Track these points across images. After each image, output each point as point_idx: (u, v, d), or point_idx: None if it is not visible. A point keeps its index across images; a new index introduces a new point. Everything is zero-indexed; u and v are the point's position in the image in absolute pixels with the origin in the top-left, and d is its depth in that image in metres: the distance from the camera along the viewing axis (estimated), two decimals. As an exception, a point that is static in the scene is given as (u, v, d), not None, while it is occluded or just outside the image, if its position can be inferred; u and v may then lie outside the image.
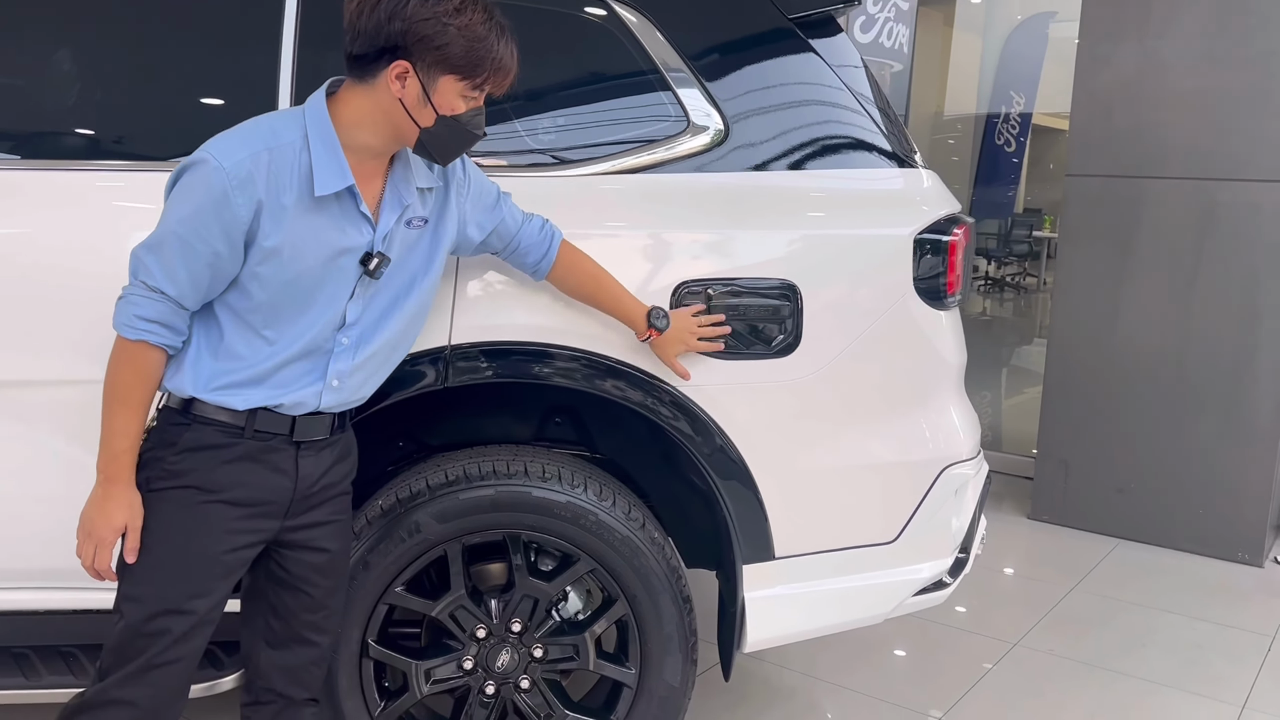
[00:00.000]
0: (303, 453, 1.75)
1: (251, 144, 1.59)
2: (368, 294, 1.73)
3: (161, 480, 1.68)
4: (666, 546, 2.23)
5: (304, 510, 1.78)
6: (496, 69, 1.63)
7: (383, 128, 1.66)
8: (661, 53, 2.22)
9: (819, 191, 2.24)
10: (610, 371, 2.11)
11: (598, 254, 2.10)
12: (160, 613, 1.67)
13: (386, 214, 1.72)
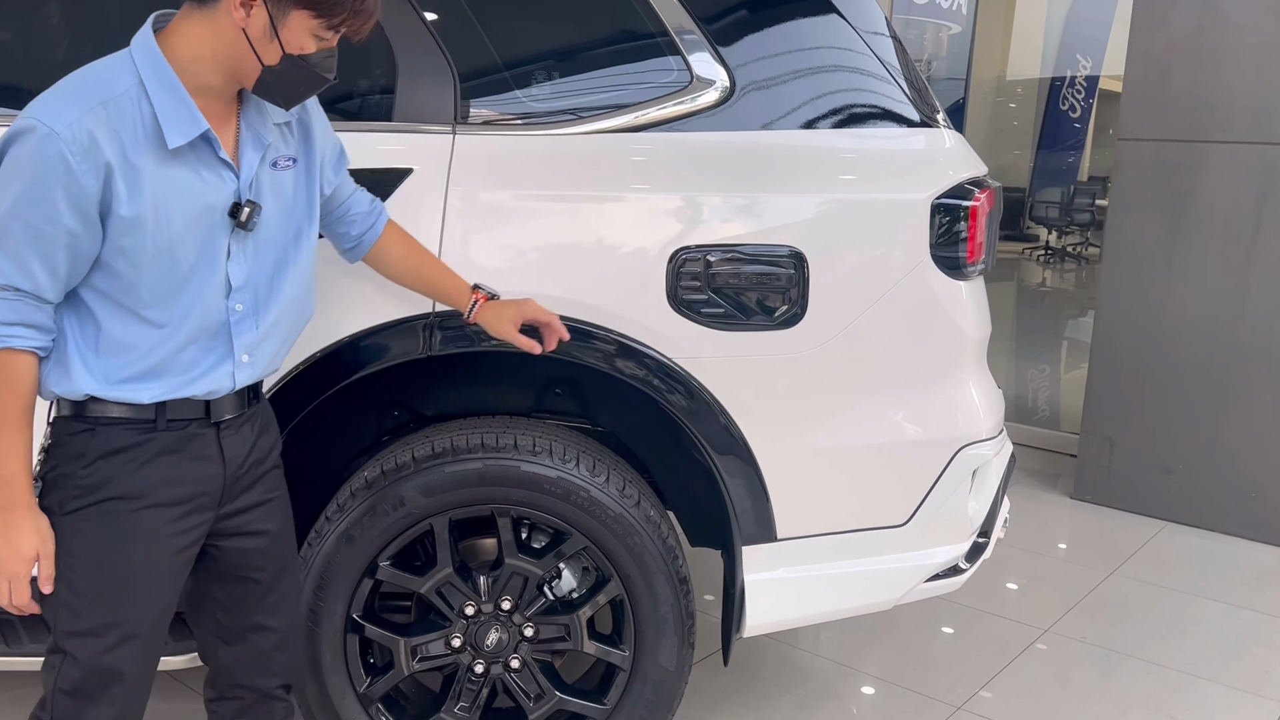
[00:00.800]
0: (224, 433, 1.58)
1: (83, 100, 1.36)
2: (247, 251, 1.52)
3: (77, 499, 1.49)
4: (663, 525, 2.13)
5: (237, 494, 1.62)
6: (356, 10, 1.44)
7: (223, 62, 1.44)
8: (663, 4, 2.09)
9: (829, 152, 2.10)
10: (600, 340, 2.01)
11: (583, 218, 2.00)
12: (117, 643, 1.52)
13: (248, 157, 1.51)
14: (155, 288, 1.45)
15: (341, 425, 2.32)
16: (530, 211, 2.00)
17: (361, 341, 1.99)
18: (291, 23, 1.41)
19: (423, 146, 2.00)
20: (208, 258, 1.48)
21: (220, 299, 1.51)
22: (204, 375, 1.53)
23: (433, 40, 2.04)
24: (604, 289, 2.00)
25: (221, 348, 1.54)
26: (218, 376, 1.54)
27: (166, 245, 1.43)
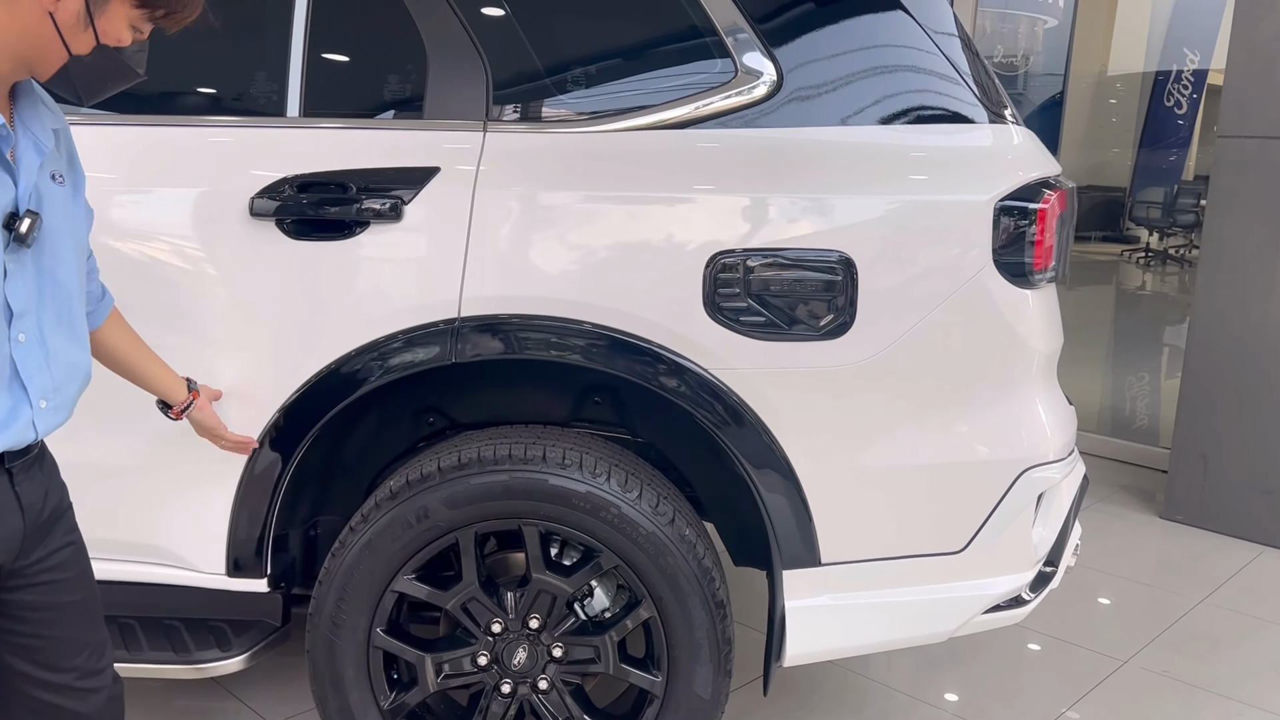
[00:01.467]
0: (17, 479, 1.35)
1: None
2: (27, 271, 1.30)
3: None
4: (699, 545, 2.01)
5: (38, 544, 1.40)
6: (184, 5, 1.32)
7: (17, 49, 1.27)
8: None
9: (882, 150, 1.95)
10: (630, 349, 1.90)
11: (617, 221, 1.90)
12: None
13: (27, 160, 1.30)
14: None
15: (378, 432, 2.26)
16: (559, 212, 1.91)
17: (384, 347, 1.92)
18: (111, 12, 1.29)
19: (451, 144, 1.92)
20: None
21: (2, 327, 1.28)
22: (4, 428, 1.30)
23: (467, 36, 1.96)
24: (634, 293, 1.89)
25: (13, 393, 1.31)
26: (16, 430, 1.31)
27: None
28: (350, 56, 2.09)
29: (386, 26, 2.02)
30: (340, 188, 1.90)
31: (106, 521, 2.01)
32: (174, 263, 1.93)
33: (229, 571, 2.04)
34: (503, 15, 1.98)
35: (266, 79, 2.02)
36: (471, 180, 1.89)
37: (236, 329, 1.93)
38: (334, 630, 2.01)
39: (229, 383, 1.94)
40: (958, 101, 1.99)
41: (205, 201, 1.93)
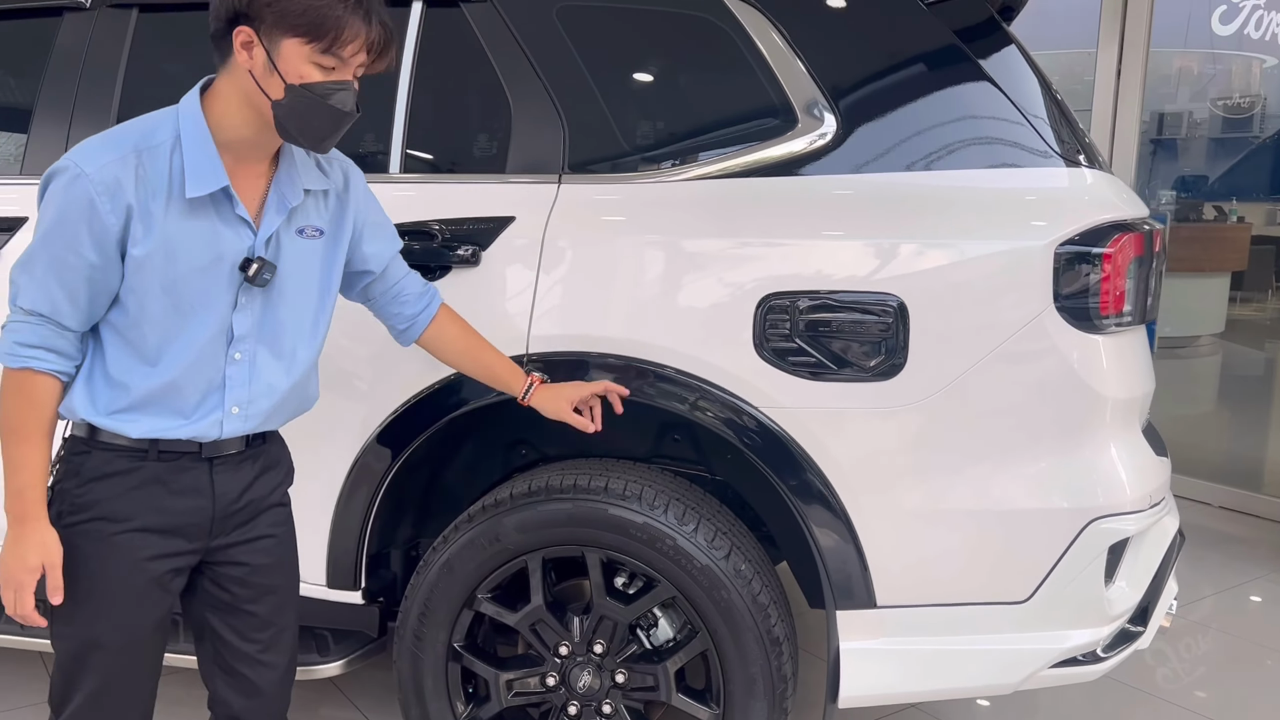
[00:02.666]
0: (217, 469, 1.63)
1: (119, 146, 1.49)
2: (255, 305, 1.59)
3: (72, 515, 1.57)
4: (756, 581, 2.05)
5: (231, 528, 1.66)
6: (342, 32, 1.45)
7: (247, 111, 1.52)
8: (771, 47, 2.06)
9: (938, 194, 1.97)
10: (685, 386, 1.99)
11: (673, 263, 2.00)
12: (89, 649, 1.59)
13: (269, 217, 1.58)
14: (158, 324, 1.53)
15: (475, 463, 2.43)
16: (618, 255, 2.03)
17: (463, 380, 2.08)
18: (285, 52, 1.47)
19: (527, 195, 2.09)
20: (212, 304, 1.55)
21: (221, 346, 1.58)
22: (191, 420, 1.58)
23: (548, 97, 2.12)
24: (688, 333, 1.98)
25: (214, 396, 1.59)
26: (205, 424, 1.59)
27: (170, 285, 1.52)
28: (445, 119, 2.31)
29: (478, 92, 2.22)
30: (430, 236, 2.10)
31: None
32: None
33: (328, 583, 2.25)
34: (580, 77, 2.13)
35: (374, 140, 2.26)
36: (542, 228, 2.05)
37: (329, 361, 2.14)
38: (416, 643, 2.17)
39: (319, 413, 2.15)
40: (1022, 146, 1.98)
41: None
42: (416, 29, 2.21)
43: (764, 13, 2.07)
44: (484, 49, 2.17)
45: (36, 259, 1.50)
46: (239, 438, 1.65)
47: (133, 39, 2.32)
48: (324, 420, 2.15)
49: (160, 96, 2.46)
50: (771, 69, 2.05)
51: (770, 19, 2.07)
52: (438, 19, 2.22)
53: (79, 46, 2.33)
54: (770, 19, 2.07)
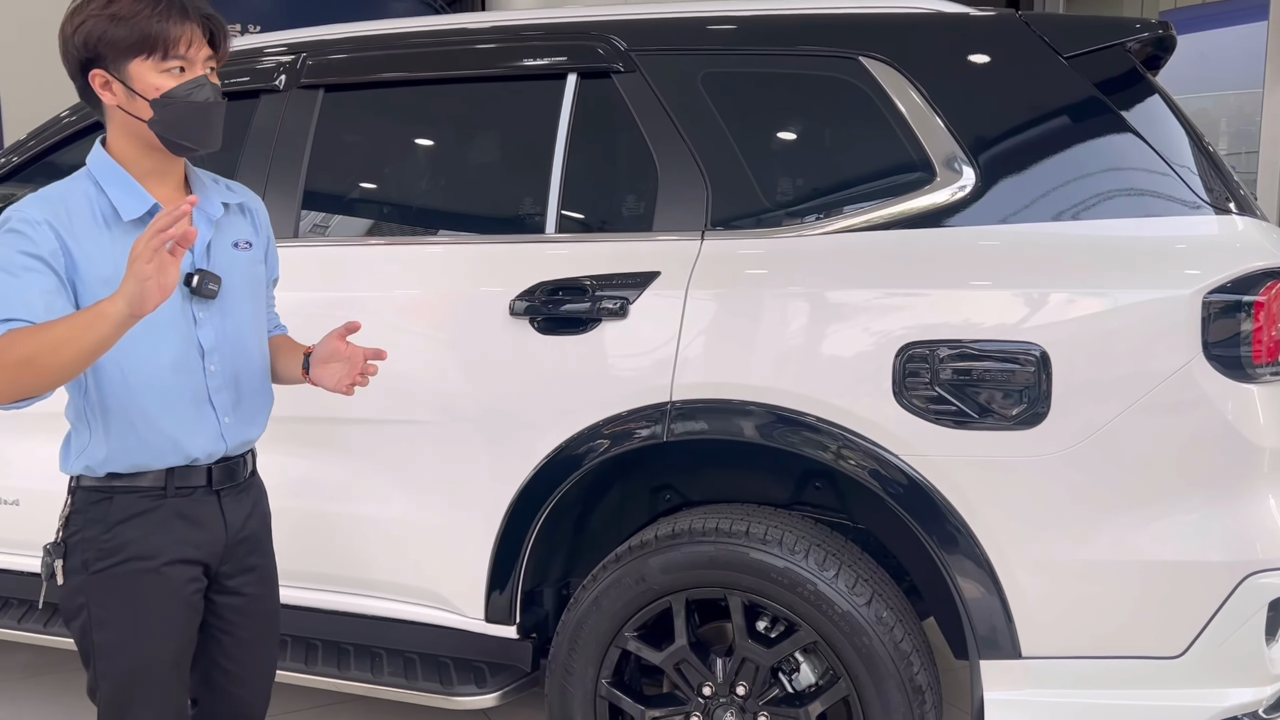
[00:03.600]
0: (224, 499, 1.76)
1: (47, 202, 1.62)
2: (214, 318, 1.71)
3: (101, 560, 1.68)
4: (898, 629, 2.07)
5: (234, 557, 1.80)
6: (169, 36, 1.59)
7: (136, 142, 1.65)
8: (909, 104, 2.13)
9: (1083, 244, 1.98)
10: (826, 434, 2.05)
11: (812, 314, 2.08)
12: (138, 677, 1.71)
13: (201, 230, 1.68)
14: (131, 354, 1.62)
15: (622, 506, 2.54)
16: (758, 306, 2.12)
17: (610, 427, 2.20)
18: (134, 74, 1.60)
19: (671, 252, 2.20)
20: (176, 321, 1.66)
21: (197, 360, 1.70)
22: (196, 435, 1.70)
23: (691, 156, 2.24)
24: (829, 382, 2.04)
25: (205, 410, 1.71)
26: (209, 437, 1.72)
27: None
28: (596, 182, 2.45)
29: (627, 155, 2.36)
30: (580, 290, 2.24)
31: (395, 567, 2.44)
32: (446, 352, 2.35)
33: (486, 618, 2.38)
34: (723, 139, 2.24)
35: (532, 203, 2.43)
36: (685, 283, 2.16)
37: (490, 407, 2.30)
38: (566, 677, 2.27)
39: (480, 455, 2.31)
40: (1168, 196, 1.98)
41: (480, 303, 2.34)
42: (570, 99, 2.37)
43: (901, 71, 2.14)
44: (633, 115, 2.31)
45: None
46: (236, 471, 1.78)
47: (319, 116, 2.57)
48: (484, 462, 2.32)
49: (341, 165, 2.72)
50: (909, 125, 2.11)
51: (907, 77, 2.13)
52: (590, 89, 2.38)
53: (273, 124, 2.59)
54: (907, 77, 2.13)
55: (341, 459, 2.47)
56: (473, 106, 2.59)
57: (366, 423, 2.41)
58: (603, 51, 2.36)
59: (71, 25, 1.63)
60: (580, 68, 2.37)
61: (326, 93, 2.59)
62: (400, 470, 2.38)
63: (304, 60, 2.62)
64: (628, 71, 2.33)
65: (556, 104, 2.38)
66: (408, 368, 2.34)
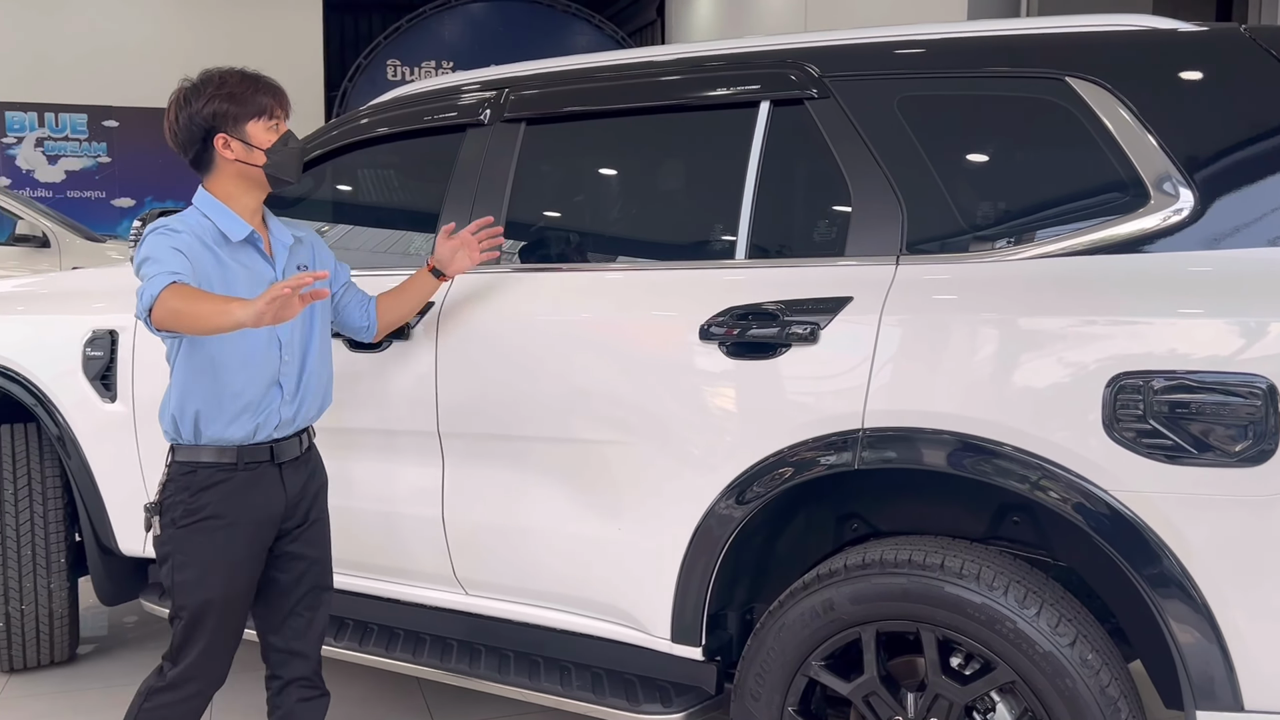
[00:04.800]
0: (285, 472, 2.29)
1: (184, 222, 2.20)
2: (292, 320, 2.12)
3: (187, 518, 2.21)
4: (1104, 672, 1.97)
5: (292, 517, 2.32)
6: (274, 106, 2.24)
7: (245, 184, 2.25)
8: (1119, 124, 2.04)
9: (1316, 270, 1.85)
10: (1025, 465, 1.97)
11: (1016, 341, 2.01)
12: (206, 609, 2.22)
13: (279, 254, 2.31)
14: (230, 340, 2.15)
15: (807, 534, 2.52)
16: (958, 334, 2.07)
17: (799, 452, 2.19)
18: (251, 132, 2.23)
19: (864, 277, 2.18)
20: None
21: (275, 351, 2.24)
22: (265, 412, 2.23)
23: (886, 180, 2.22)
24: (1032, 412, 1.97)
25: (274, 390, 2.25)
26: (271, 412, 2.24)
27: None
28: (787, 207, 2.46)
29: (819, 180, 2.36)
30: (770, 316, 2.24)
31: (583, 582, 2.50)
32: (640, 376, 2.39)
33: (672, 638, 2.41)
34: (919, 163, 2.21)
35: (723, 230, 2.46)
36: (879, 309, 2.13)
37: (680, 431, 2.33)
38: (753, 702, 2.27)
39: (667, 476, 2.34)
40: None
41: (670, 328, 2.38)
42: (763, 125, 2.39)
43: (1111, 91, 2.06)
44: (826, 141, 2.31)
45: (154, 257, 2.10)
46: (295, 445, 2.31)
47: (521, 148, 2.69)
48: (671, 484, 2.35)
49: (542, 194, 2.82)
50: (1120, 146, 2.03)
51: (1118, 97, 2.05)
52: (782, 116, 2.39)
53: (477, 156, 2.73)
54: (1118, 97, 2.05)
55: (533, 476, 2.55)
56: (665, 136, 2.65)
57: (558, 441, 2.49)
58: (796, 79, 2.37)
59: (195, 107, 2.23)
60: (773, 95, 2.39)
61: (528, 125, 2.70)
62: (591, 489, 2.45)
63: (506, 95, 2.74)
64: (821, 98, 2.33)
65: (749, 131, 2.40)
66: (601, 388, 2.41)
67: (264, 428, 2.25)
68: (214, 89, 2.23)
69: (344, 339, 2.72)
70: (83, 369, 3.21)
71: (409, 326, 2.66)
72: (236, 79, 2.25)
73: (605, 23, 15.03)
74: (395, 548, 2.80)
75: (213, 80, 2.25)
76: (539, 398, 2.50)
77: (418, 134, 2.92)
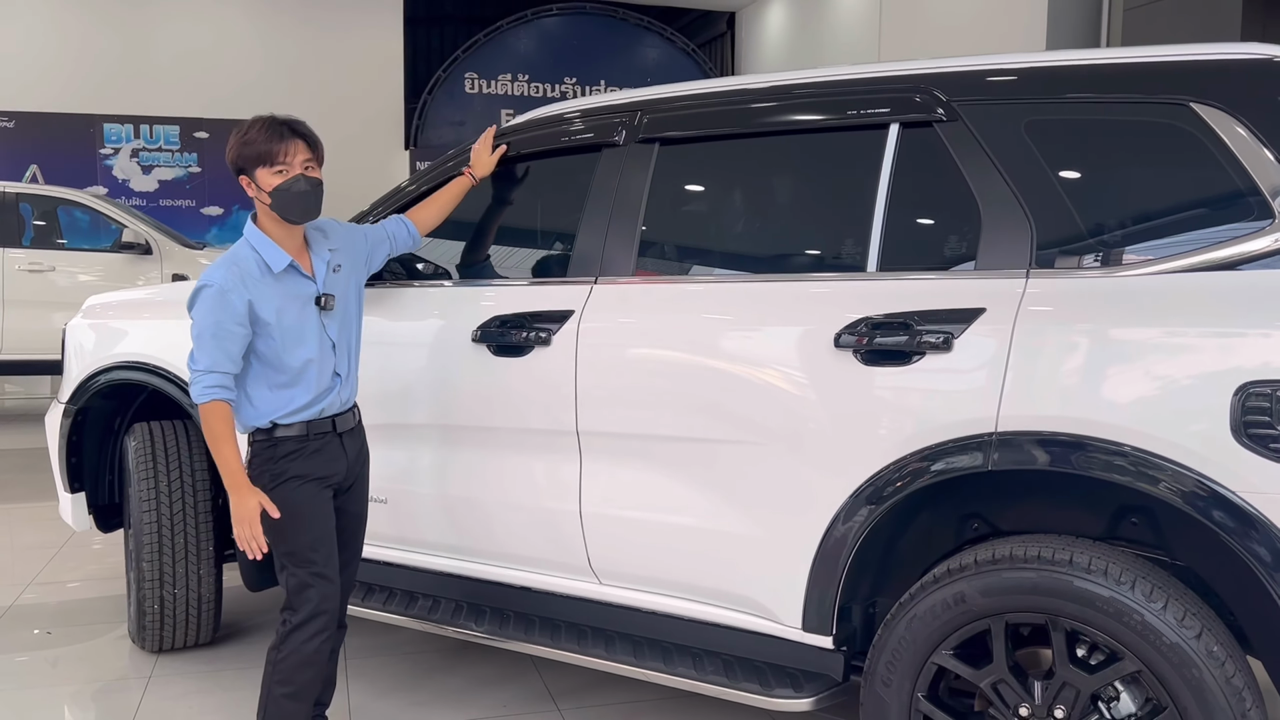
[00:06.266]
0: (345, 440, 2.76)
1: (227, 265, 2.59)
2: (334, 320, 2.72)
3: (275, 480, 2.65)
4: (1229, 664, 2.09)
5: (350, 477, 2.80)
6: (273, 153, 2.59)
7: (270, 217, 2.65)
8: (1242, 146, 2.16)
9: None
10: (1156, 468, 2.10)
11: (1147, 351, 2.14)
12: (306, 557, 2.66)
13: (319, 270, 2.71)
14: (290, 349, 2.65)
15: (930, 532, 2.67)
16: (1089, 344, 2.20)
17: (933, 454, 2.34)
18: (259, 177, 2.62)
19: (997, 289, 2.33)
20: (314, 329, 2.68)
21: (329, 350, 2.72)
22: (325, 397, 2.71)
23: (1015, 200, 2.37)
24: (1164, 418, 2.10)
25: (326, 378, 2.71)
26: (331, 395, 2.73)
27: (291, 328, 2.65)
28: (918, 222, 2.61)
29: (948, 197, 2.50)
30: (904, 325, 2.40)
31: (720, 575, 2.67)
32: (774, 380, 2.56)
33: (803, 627, 2.56)
34: (1047, 180, 2.35)
35: (854, 244, 2.61)
36: (1012, 319, 2.27)
37: (814, 433, 2.49)
38: (884, 688, 2.41)
39: (801, 475, 2.50)
40: None
41: (804, 336, 2.54)
42: (893, 146, 2.55)
43: (1235, 116, 2.18)
44: (954, 161, 2.46)
45: (202, 339, 2.56)
46: (350, 418, 2.80)
47: (655, 167, 2.87)
48: (807, 482, 2.51)
49: (677, 210, 3.00)
50: (1246, 169, 2.15)
51: (1243, 122, 2.17)
52: (911, 137, 2.54)
53: (614, 174, 2.92)
54: (1243, 122, 2.17)
55: (670, 474, 2.72)
56: (798, 155, 2.81)
57: (695, 441, 2.67)
58: (924, 102, 2.53)
59: (229, 151, 2.66)
60: (903, 118, 2.55)
61: (662, 146, 2.89)
62: (730, 487, 2.62)
63: (641, 117, 2.93)
64: (949, 120, 2.48)
65: (880, 151, 2.56)
66: (741, 391, 2.58)
67: (325, 409, 2.73)
68: (240, 135, 2.64)
69: (488, 346, 2.93)
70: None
71: (550, 333, 2.85)
72: (257, 127, 2.63)
73: (677, 35, 15.25)
74: (532, 538, 2.99)
75: (242, 128, 2.65)
76: (678, 400, 2.68)
77: (555, 154, 3.13)
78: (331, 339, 2.71)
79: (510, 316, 2.95)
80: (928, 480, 2.36)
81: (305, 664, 2.67)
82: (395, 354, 3.21)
